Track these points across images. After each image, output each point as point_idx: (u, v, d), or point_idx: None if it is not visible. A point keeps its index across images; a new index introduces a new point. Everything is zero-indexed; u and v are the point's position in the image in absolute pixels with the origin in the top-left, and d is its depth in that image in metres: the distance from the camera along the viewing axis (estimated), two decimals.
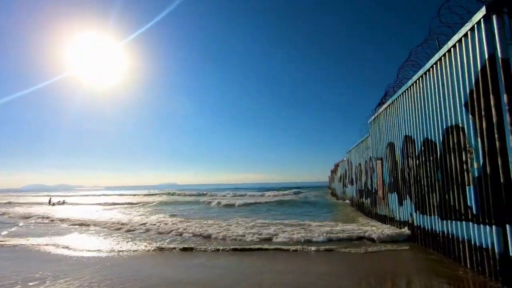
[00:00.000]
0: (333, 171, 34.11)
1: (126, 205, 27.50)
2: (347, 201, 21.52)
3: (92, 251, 7.94)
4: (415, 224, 7.80)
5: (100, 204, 29.63)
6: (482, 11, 4.72)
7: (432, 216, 6.80)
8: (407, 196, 8.39)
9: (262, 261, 6.53)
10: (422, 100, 7.22)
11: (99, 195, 52.60)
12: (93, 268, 6.11)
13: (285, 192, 44.39)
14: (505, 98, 4.43)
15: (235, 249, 7.64)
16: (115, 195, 52.12)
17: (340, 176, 26.39)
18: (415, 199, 7.78)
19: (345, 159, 22.31)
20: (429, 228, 6.97)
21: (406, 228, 8.51)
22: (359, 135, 15.28)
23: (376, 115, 11.53)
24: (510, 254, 4.36)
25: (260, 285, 4.83)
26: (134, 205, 27.10)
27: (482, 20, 4.78)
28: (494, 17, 4.61)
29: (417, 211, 7.65)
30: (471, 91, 5.14)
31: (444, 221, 6.23)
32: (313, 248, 7.44)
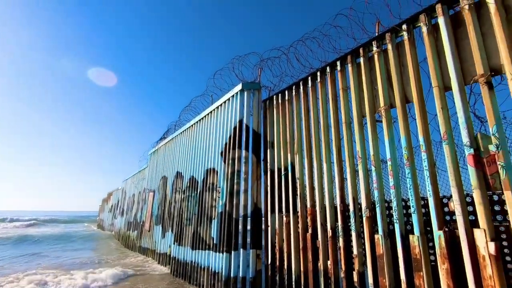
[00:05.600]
0: (105, 200, 30.63)
1: None
2: (113, 232, 19.70)
3: None
4: (172, 255, 8.27)
5: None
6: (239, 86, 6.32)
7: (186, 247, 7.52)
8: (170, 229, 8.87)
9: None
10: (194, 142, 8.28)
11: None
12: None
13: None
14: (243, 153, 5.97)
15: None
16: None
17: (112, 206, 24.08)
18: (176, 231, 8.36)
19: (120, 187, 20.82)
20: (182, 258, 7.61)
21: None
22: (138, 165, 14.99)
23: (156, 148, 11.88)
24: (231, 275, 5.53)
25: None
26: None
27: (239, 92, 6.36)
28: (245, 93, 6.28)
29: (175, 242, 8.20)
30: (226, 144, 6.52)
31: (194, 251, 7.05)
32: None
